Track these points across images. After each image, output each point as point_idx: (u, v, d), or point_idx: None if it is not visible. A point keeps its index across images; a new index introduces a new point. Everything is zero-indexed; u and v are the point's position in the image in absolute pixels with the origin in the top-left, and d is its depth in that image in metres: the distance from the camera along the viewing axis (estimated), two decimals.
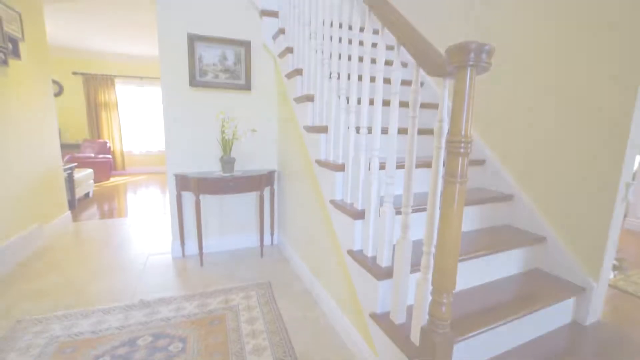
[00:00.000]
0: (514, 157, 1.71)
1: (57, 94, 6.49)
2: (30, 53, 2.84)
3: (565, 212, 1.49)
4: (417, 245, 1.36)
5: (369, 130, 1.62)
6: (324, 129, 1.57)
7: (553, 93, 1.50)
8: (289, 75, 1.99)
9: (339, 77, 1.79)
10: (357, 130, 1.68)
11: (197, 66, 2.23)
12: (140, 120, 7.13)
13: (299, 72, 1.86)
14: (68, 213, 3.37)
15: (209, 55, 2.25)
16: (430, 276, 0.95)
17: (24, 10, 2.78)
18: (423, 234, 1.47)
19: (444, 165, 0.81)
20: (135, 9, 3.57)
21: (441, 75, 0.84)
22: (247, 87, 2.37)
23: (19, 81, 2.64)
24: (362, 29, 2.43)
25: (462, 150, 0.73)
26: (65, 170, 3.71)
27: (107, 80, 6.74)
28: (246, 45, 2.31)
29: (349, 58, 2.04)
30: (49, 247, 2.64)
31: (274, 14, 2.31)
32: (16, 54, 2.57)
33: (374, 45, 2.32)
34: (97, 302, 1.78)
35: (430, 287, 0.89)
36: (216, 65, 2.28)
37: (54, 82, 6.41)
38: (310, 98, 1.72)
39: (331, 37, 1.85)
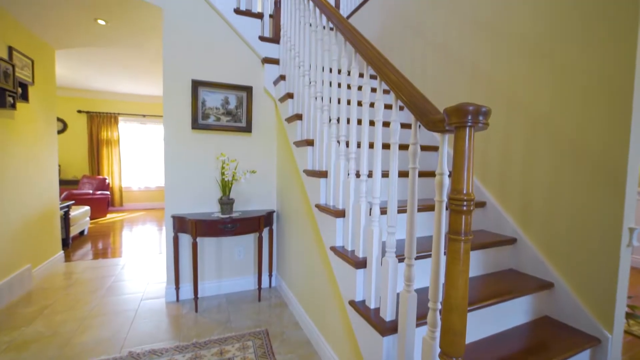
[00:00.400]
0: (514, 200, 1.71)
1: (60, 131, 6.62)
2: (38, 96, 2.93)
3: (570, 258, 1.46)
4: (424, 293, 1.31)
5: (370, 174, 1.63)
6: (323, 174, 1.58)
7: (548, 137, 1.54)
8: (289, 120, 2.04)
9: (338, 121, 1.84)
10: (357, 174, 1.69)
11: (199, 110, 2.29)
12: (140, 157, 7.21)
13: (298, 117, 1.91)
14: (61, 253, 3.29)
15: (212, 100, 2.32)
16: (437, 334, 0.91)
17: (37, 57, 2.91)
18: (429, 281, 1.43)
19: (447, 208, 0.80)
20: (142, 55, 3.74)
21: (440, 132, 0.86)
22: (247, 129, 2.42)
23: (24, 123, 2.69)
24: (361, 75, 2.54)
25: (464, 208, 0.73)
26: (61, 208, 3.67)
27: (111, 118, 6.90)
28: (248, 90, 2.39)
29: (348, 102, 2.10)
30: (38, 290, 2.53)
31: (275, 62, 2.42)
32: (25, 97, 2.65)
33: (374, 90, 2.41)
34: (82, 356, 1.67)
35: (438, 350, 0.84)
36: (218, 109, 2.34)
37: (59, 119, 6.56)
38: (309, 143, 1.75)
39: (330, 83, 1.92)
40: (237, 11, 2.34)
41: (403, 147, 1.91)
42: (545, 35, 1.55)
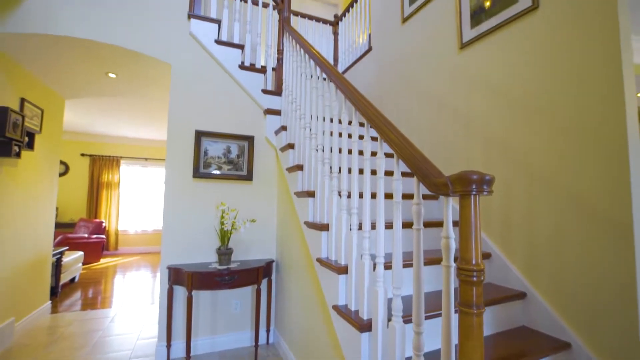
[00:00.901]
0: (519, 251, 1.67)
1: (62, 174, 6.66)
2: (44, 143, 2.98)
3: (584, 315, 1.39)
4: (434, 357, 1.22)
5: (373, 226, 1.61)
6: (325, 227, 1.56)
7: (548, 188, 1.54)
8: (290, 170, 2.06)
9: (339, 171, 1.85)
10: (360, 226, 1.67)
11: (201, 159, 2.32)
12: (139, 200, 7.19)
13: (299, 167, 1.94)
14: (48, 304, 3.13)
15: (214, 149, 2.36)
16: None
17: (47, 107, 3.01)
18: (439, 342, 1.34)
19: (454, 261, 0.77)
20: (147, 102, 3.88)
21: (443, 195, 0.86)
22: (248, 177, 2.43)
23: (27, 170, 2.71)
24: (361, 124, 2.62)
25: (475, 279, 0.70)
26: (54, 255, 3.57)
27: (113, 161, 6.99)
28: (250, 139, 2.45)
29: (350, 151, 2.14)
30: (19, 347, 2.37)
31: (276, 112, 2.50)
32: (30, 146, 2.69)
33: (374, 138, 2.47)
34: None
35: None
36: (220, 158, 2.38)
37: (62, 162, 6.64)
38: (310, 194, 1.75)
39: (331, 133, 1.97)
40: (242, 67, 2.47)
41: (407, 196, 1.91)
42: (540, 90, 1.62)
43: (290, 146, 2.13)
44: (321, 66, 1.71)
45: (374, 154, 2.31)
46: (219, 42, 2.42)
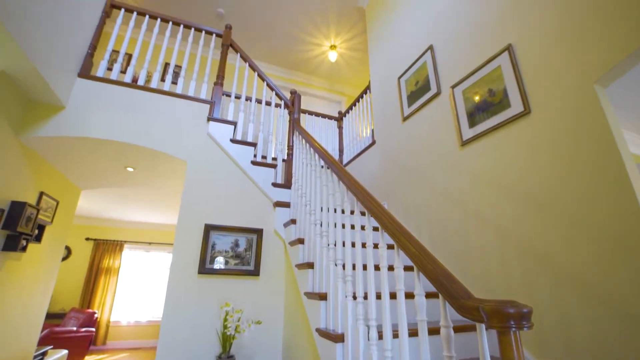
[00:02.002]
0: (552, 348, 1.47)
1: (63, 259, 6.51)
2: (53, 233, 2.98)
3: None
4: None
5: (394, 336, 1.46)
6: (339, 338, 1.42)
7: (580, 288, 1.43)
8: (300, 267, 1.99)
9: (354, 268, 1.77)
10: (380, 336, 1.52)
11: (208, 253, 2.27)
12: (138, 287, 6.86)
13: (310, 265, 1.87)
14: None
15: (222, 243, 2.33)
16: None
17: (62, 198, 3.10)
18: None
19: None
20: (157, 191, 4.00)
21: (474, 321, 0.79)
22: (255, 273, 2.34)
23: (29, 263, 2.65)
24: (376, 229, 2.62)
25: None
26: (35, 357, 3.24)
27: (117, 246, 6.90)
28: (258, 232, 2.43)
29: (364, 245, 2.09)
30: None
31: (285, 205, 2.54)
32: (38, 239, 2.68)
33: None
34: None
35: None
36: (227, 252, 2.33)
37: (65, 247, 6.56)
38: (322, 297, 1.64)
39: (343, 225, 1.94)
40: (254, 162, 2.60)
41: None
42: (544, 185, 1.64)
43: (300, 241, 2.10)
44: (332, 168, 1.79)
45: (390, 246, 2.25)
46: (234, 140, 2.61)
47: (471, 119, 2.23)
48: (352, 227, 2.18)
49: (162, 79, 4.30)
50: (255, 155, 2.77)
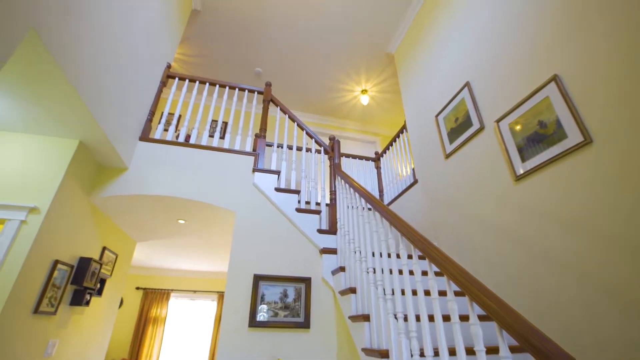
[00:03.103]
0: None
1: None
2: (111, 287, 3.13)
3: None
4: None
5: None
6: None
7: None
8: (354, 319, 1.88)
9: (417, 320, 1.63)
10: None
11: (258, 305, 2.24)
12: (183, 337, 6.87)
13: (365, 318, 1.76)
14: None
15: (271, 293, 2.30)
16: None
17: (121, 251, 3.30)
18: None
19: None
20: (208, 241, 4.13)
21: None
22: (305, 325, 2.25)
23: (90, 316, 2.77)
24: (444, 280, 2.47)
25: None
26: None
27: (163, 295, 7.08)
28: (307, 281, 2.38)
29: (427, 293, 1.95)
30: None
31: (332, 251, 2.49)
32: (100, 292, 2.83)
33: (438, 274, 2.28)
34: None
35: None
36: (277, 303, 2.28)
37: None
38: (384, 355, 1.52)
39: (400, 271, 1.83)
40: (299, 210, 2.63)
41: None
42: (611, 219, 1.47)
43: (352, 290, 2.00)
44: (385, 215, 1.75)
45: (458, 293, 2.08)
46: (278, 189, 2.68)
47: (523, 152, 2.12)
48: (411, 272, 2.06)
49: (211, 135, 4.68)
50: (299, 202, 2.81)
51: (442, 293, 2.02)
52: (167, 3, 3.06)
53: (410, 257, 2.34)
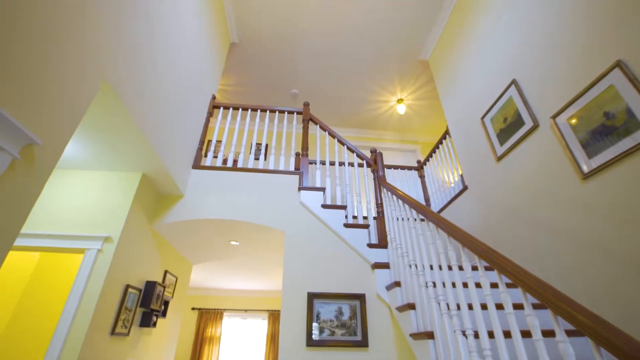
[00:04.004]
0: None
1: None
2: (173, 309, 3.31)
3: None
4: None
5: None
6: None
7: None
8: (416, 337, 1.79)
9: (490, 337, 1.52)
10: None
11: (314, 324, 2.23)
12: (237, 354, 7.01)
13: (428, 335, 1.67)
14: None
15: (326, 311, 2.28)
16: None
17: (180, 274, 3.50)
18: None
19: None
20: (259, 261, 4.24)
21: None
22: (363, 344, 2.19)
23: (157, 337, 2.93)
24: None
25: None
26: None
27: (217, 314, 7.32)
28: (361, 298, 2.33)
29: (498, 307, 1.82)
30: None
31: (384, 266, 2.43)
32: (164, 314, 3.00)
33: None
34: None
35: None
36: (332, 321, 2.25)
37: None
38: None
39: (465, 284, 1.73)
40: (347, 225, 2.62)
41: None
42: None
43: (410, 306, 1.92)
44: (442, 226, 1.68)
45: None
46: (325, 206, 2.70)
47: (588, 148, 1.95)
48: (478, 285, 1.94)
49: (256, 158, 4.90)
50: (346, 217, 2.80)
51: (515, 306, 1.87)
52: (211, 42, 3.32)
53: (475, 268, 2.20)
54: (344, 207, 2.70)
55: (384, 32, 3.98)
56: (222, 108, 3.36)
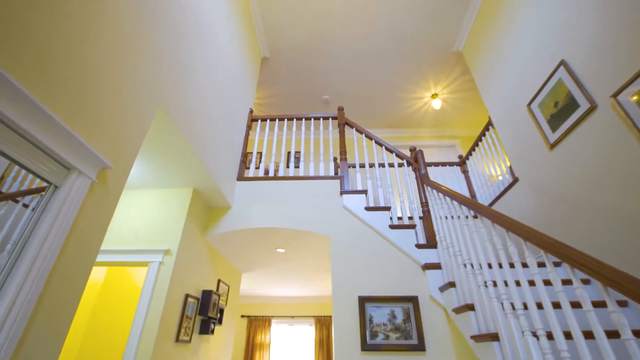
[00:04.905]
0: None
1: None
2: (228, 317, 3.45)
3: None
4: None
5: None
6: None
7: None
8: (478, 339, 1.71)
9: (567, 337, 1.41)
10: None
11: (367, 328, 2.21)
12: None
13: (493, 337, 1.58)
14: None
15: (378, 315, 2.25)
16: None
17: (231, 283, 3.64)
18: None
19: None
20: (305, 267, 4.28)
21: None
22: (420, 347, 2.13)
23: (214, 344, 3.07)
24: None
25: None
26: None
27: (265, 321, 7.49)
28: (413, 300, 2.27)
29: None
30: None
31: (436, 266, 2.35)
32: (220, 321, 3.14)
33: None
34: None
35: None
36: (386, 325, 2.22)
37: None
38: None
39: (532, 282, 1.63)
40: (392, 226, 2.58)
41: None
42: None
43: (469, 307, 1.84)
44: (498, 220, 1.61)
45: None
46: (368, 208, 2.69)
47: None
48: (548, 282, 1.82)
49: (296, 166, 5.02)
50: (390, 219, 2.76)
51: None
52: (245, 58, 3.47)
53: (541, 264, 2.05)
54: (388, 209, 2.66)
55: (412, 28, 3.91)
56: (259, 120, 3.48)
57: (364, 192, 2.77)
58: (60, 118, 1.11)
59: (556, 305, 1.65)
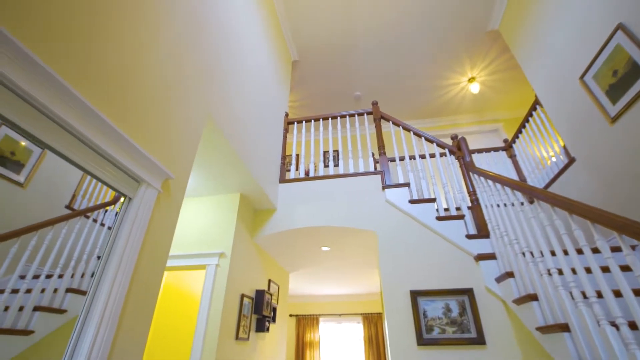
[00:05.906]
0: None
1: None
2: (280, 315, 3.57)
3: None
4: None
5: None
6: None
7: None
8: (545, 330, 1.61)
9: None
10: None
11: (422, 322, 2.18)
12: (338, 358, 7.17)
13: (562, 327, 1.49)
14: None
15: (432, 309, 2.21)
16: None
17: (280, 282, 3.76)
18: None
19: None
20: (351, 265, 4.30)
21: None
22: (480, 340, 2.05)
23: (269, 341, 3.19)
24: None
25: None
26: None
27: (314, 320, 7.62)
28: (468, 293, 2.20)
29: None
30: None
31: (490, 257, 2.25)
32: (274, 319, 3.26)
33: None
34: None
35: None
36: (441, 319, 2.17)
37: None
38: None
39: (606, 268, 1.52)
40: (439, 218, 2.51)
41: None
42: None
43: (531, 297, 1.74)
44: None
45: None
46: (412, 201, 2.64)
47: None
48: (624, 268, 1.68)
49: (335, 165, 5.07)
50: (437, 210, 2.69)
51: None
52: (277, 63, 3.57)
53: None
54: (433, 200, 2.60)
55: (442, 11, 3.76)
56: (295, 123, 3.56)
57: (407, 184, 2.73)
58: (128, 135, 1.24)
59: (637, 293, 1.51)
